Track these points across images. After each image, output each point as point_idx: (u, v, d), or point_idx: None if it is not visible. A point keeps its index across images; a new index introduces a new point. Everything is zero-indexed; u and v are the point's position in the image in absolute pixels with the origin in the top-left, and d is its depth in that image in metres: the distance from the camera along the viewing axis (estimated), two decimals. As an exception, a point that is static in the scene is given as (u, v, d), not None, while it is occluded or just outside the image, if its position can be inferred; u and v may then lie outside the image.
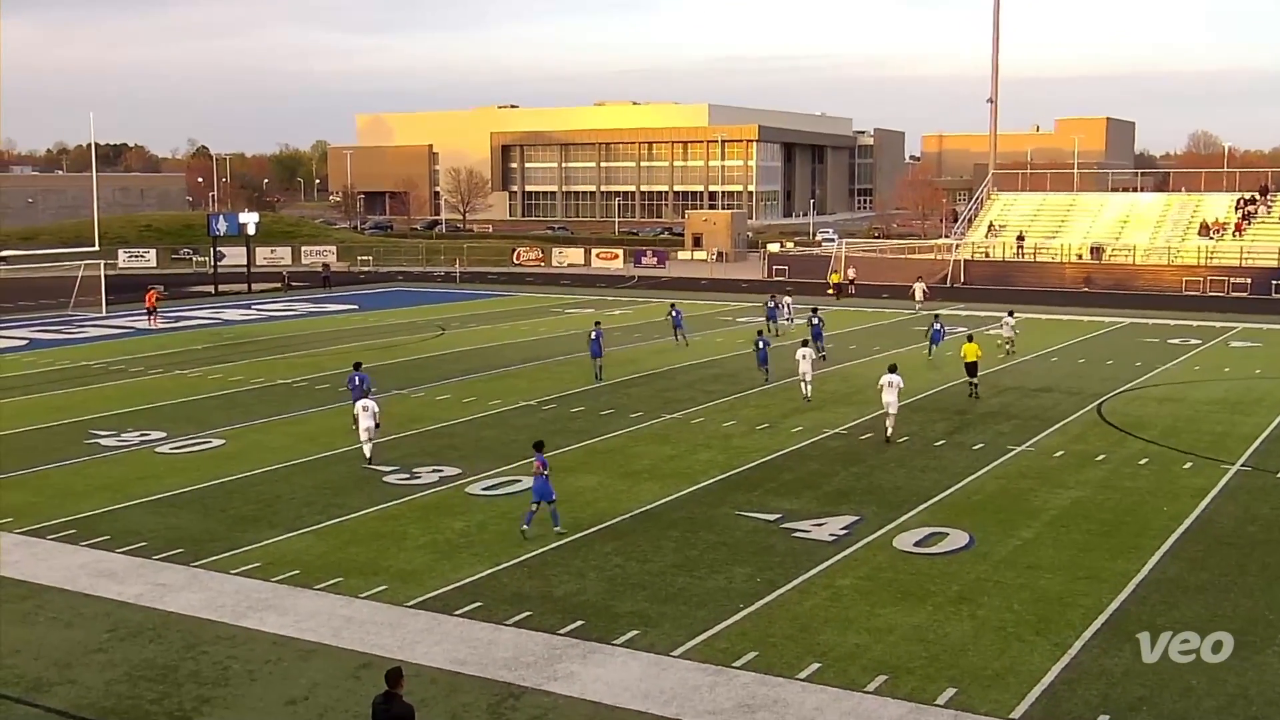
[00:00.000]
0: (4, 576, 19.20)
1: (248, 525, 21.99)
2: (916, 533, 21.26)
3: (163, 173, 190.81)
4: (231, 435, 29.96)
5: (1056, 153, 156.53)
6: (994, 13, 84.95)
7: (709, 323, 54.32)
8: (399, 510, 22.96)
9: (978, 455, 27.37)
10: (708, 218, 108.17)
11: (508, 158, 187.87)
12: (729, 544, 20.73)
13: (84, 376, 39.81)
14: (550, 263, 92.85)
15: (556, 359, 42.22)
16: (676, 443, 28.89)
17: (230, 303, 65.17)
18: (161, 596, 18.22)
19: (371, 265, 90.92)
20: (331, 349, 46.12)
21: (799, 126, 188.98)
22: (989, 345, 41.36)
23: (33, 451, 28.11)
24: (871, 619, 17.13)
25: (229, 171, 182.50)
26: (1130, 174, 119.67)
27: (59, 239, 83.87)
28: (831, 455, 27.54)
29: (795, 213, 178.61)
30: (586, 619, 17.16)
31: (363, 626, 16.98)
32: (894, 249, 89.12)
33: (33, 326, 54.12)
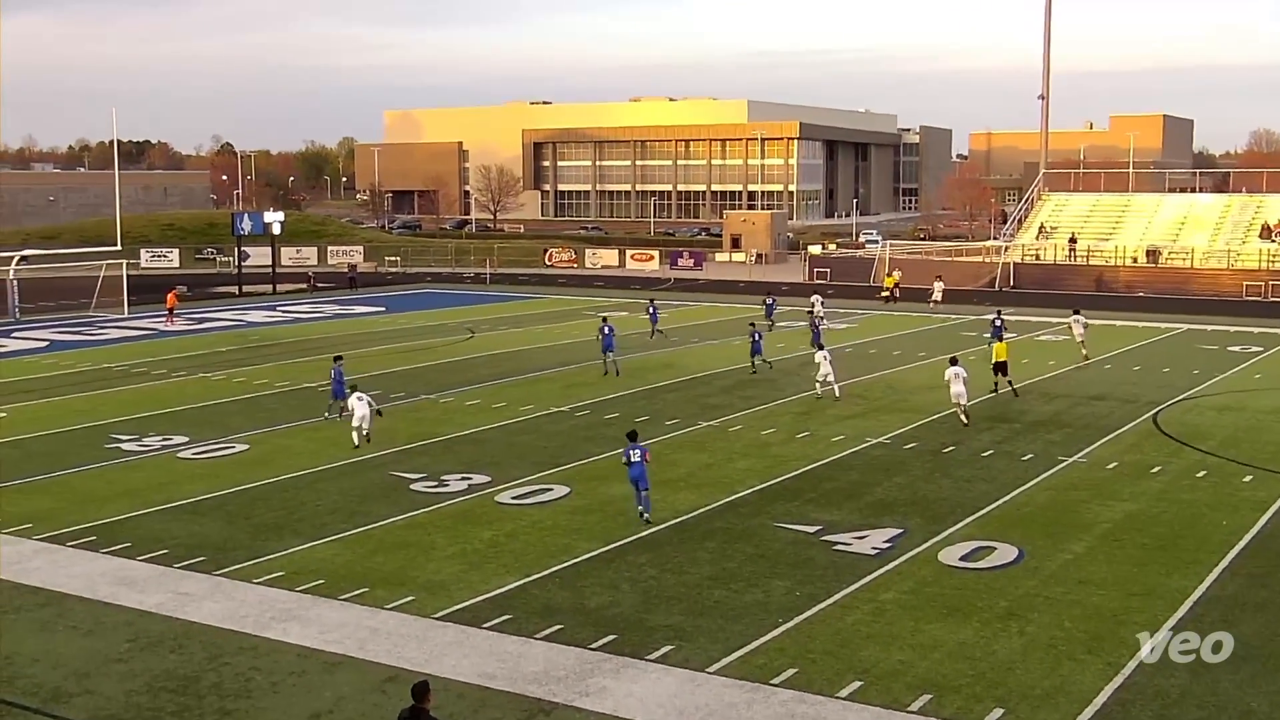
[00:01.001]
0: (23, 584, 19.39)
1: (271, 533, 22.13)
2: (963, 546, 21.16)
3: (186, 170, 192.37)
4: (255, 440, 30.16)
5: (1111, 151, 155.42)
6: (1046, 4, 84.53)
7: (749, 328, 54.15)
8: (426, 519, 23.05)
9: (1027, 466, 27.22)
10: (746, 218, 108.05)
11: (540, 155, 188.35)
12: (767, 556, 20.69)
13: (105, 379, 40.17)
14: (583, 264, 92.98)
15: (590, 363, 42.22)
16: (713, 451, 28.88)
17: (254, 304, 65.61)
18: (183, 606, 18.36)
19: (399, 266, 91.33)
20: (358, 352, 46.31)
21: (842, 123, 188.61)
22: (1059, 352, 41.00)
23: (53, 456, 28.39)
24: (915, 635, 17.06)
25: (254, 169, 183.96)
26: (1188, 173, 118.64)
27: (80, 238, 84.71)
28: (874, 465, 27.45)
29: (837, 213, 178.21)
30: (619, 633, 17.16)
31: (389, 638, 17.05)
32: (940, 251, 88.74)
33: (53, 328, 54.67)
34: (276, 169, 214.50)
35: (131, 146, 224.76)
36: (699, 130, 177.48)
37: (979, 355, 44.70)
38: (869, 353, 45.54)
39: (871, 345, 47.71)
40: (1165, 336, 51.14)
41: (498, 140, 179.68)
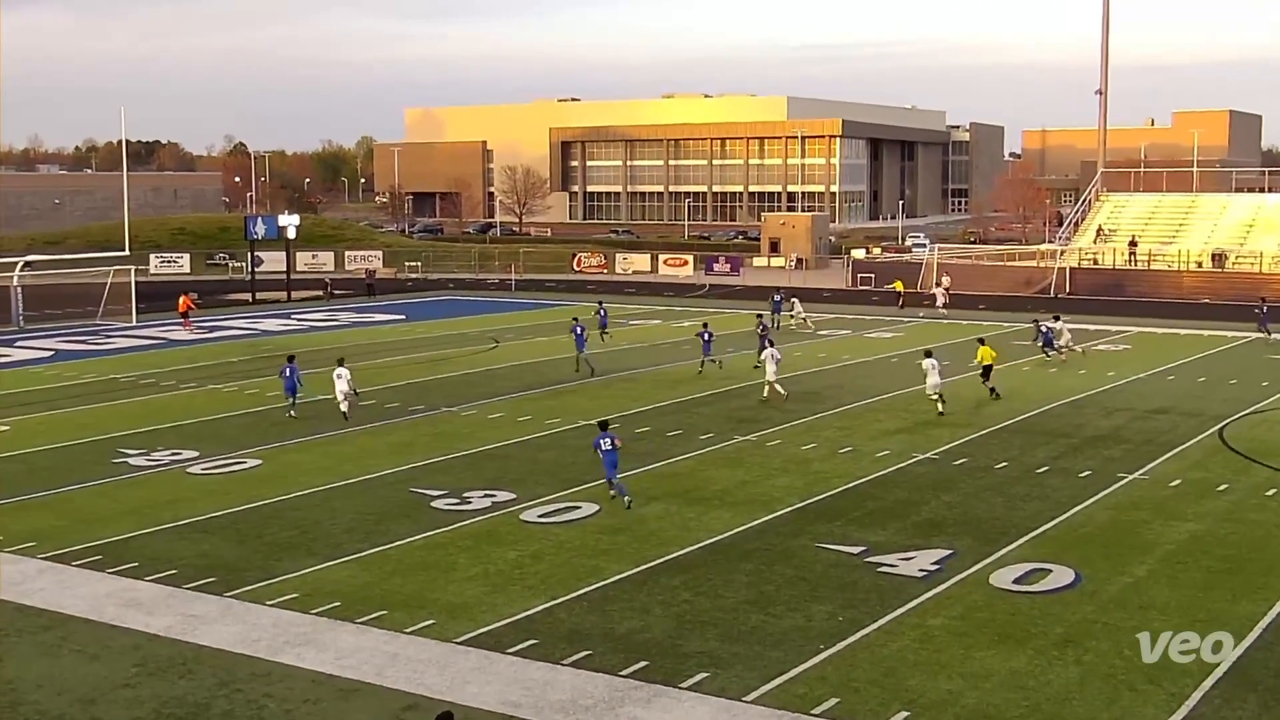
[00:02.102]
0: (27, 605, 19.55)
1: (284, 553, 22.23)
2: (1016, 568, 21.05)
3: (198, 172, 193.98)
4: (267, 455, 30.32)
5: (1173, 149, 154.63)
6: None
7: (788, 335, 54.13)
8: (447, 538, 23.10)
9: (1085, 483, 27.06)
10: (786, 221, 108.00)
11: (568, 155, 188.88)
12: (808, 579, 20.64)
13: (112, 391, 40.49)
14: (614, 270, 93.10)
15: (618, 374, 42.30)
16: (750, 467, 28.85)
17: (268, 312, 66.01)
18: (193, 629, 18.46)
19: (420, 272, 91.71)
20: (377, 362, 46.52)
21: (887, 121, 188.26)
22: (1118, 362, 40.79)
23: (57, 471, 28.62)
24: (965, 663, 16.98)
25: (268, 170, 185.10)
26: (1256, 172, 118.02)
27: (87, 243, 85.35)
28: (921, 482, 27.35)
29: (882, 215, 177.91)
30: (651, 659, 17.15)
31: (408, 664, 17.09)
32: (991, 255, 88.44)
33: (59, 337, 55.15)
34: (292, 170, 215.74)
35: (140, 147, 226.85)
36: (736, 128, 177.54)
37: (1033, 365, 44.59)
38: (915, 363, 45.32)
39: (917, 355, 47.44)
40: (1232, 346, 50.77)
41: (524, 139, 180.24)
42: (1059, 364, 44.85)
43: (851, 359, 46.49)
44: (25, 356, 49.31)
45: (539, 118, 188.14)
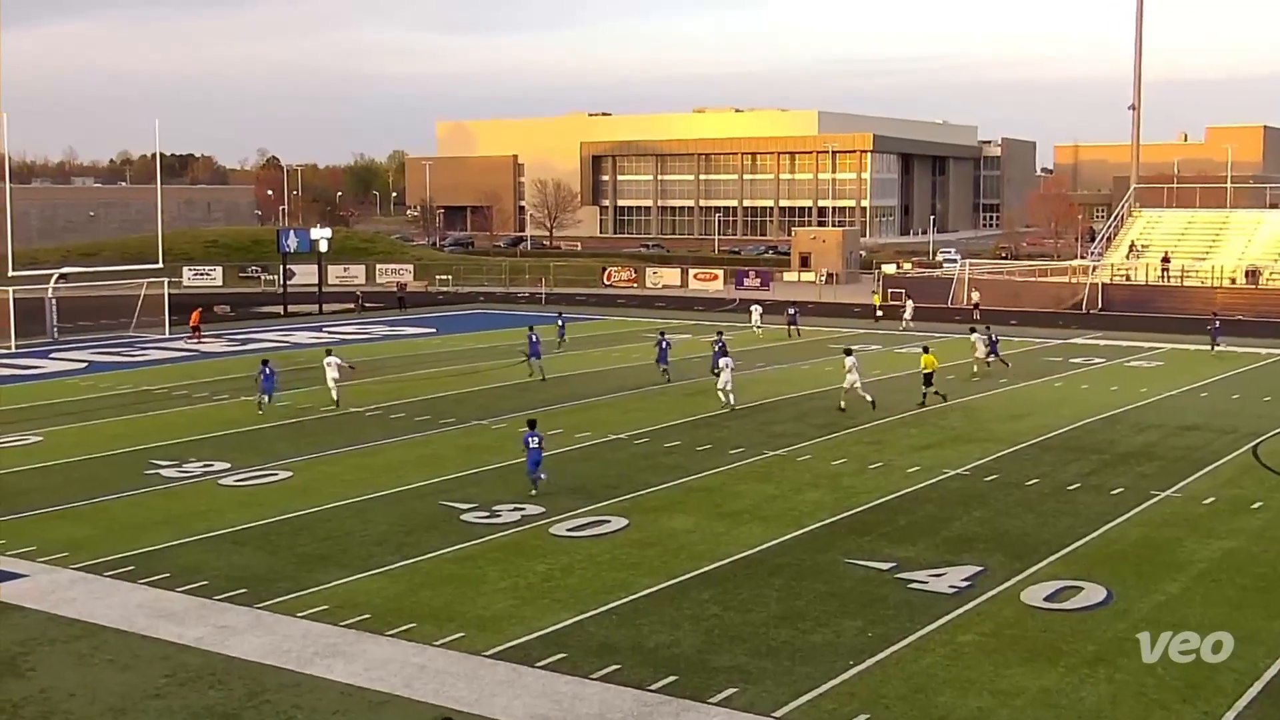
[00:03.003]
0: (59, 615, 19.66)
1: (315, 564, 22.30)
2: (1047, 585, 20.93)
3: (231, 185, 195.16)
4: (299, 467, 30.44)
5: (1207, 164, 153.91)
6: (1137, 8, 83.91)
7: (819, 350, 54.06)
8: (477, 551, 23.14)
9: (1117, 500, 26.90)
10: (816, 235, 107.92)
11: (599, 169, 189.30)
12: (838, 594, 20.58)
13: (145, 402, 40.74)
14: (644, 284, 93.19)
15: (649, 389, 42.30)
16: (780, 481, 28.79)
17: (300, 324, 66.31)
18: (223, 640, 18.53)
19: (451, 285, 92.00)
20: (407, 375, 46.68)
21: (918, 135, 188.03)
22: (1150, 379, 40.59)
23: (91, 482, 28.81)
24: (996, 680, 16.89)
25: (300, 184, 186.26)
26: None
27: (121, 255, 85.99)
28: (952, 498, 27.25)
29: (913, 230, 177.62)
30: (680, 674, 17.12)
31: (437, 677, 17.11)
32: (1023, 271, 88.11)
33: (92, 348, 55.53)
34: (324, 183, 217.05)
35: (174, 160, 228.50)
36: (766, 143, 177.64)
37: (1065, 380, 44.41)
38: (946, 379, 45.21)
39: (949, 371, 47.39)
40: (1266, 363, 50.40)
41: (555, 153, 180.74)
42: (990, 372, 45.51)
43: (882, 374, 46.33)
44: (60, 368, 49.69)
45: (570, 132, 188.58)
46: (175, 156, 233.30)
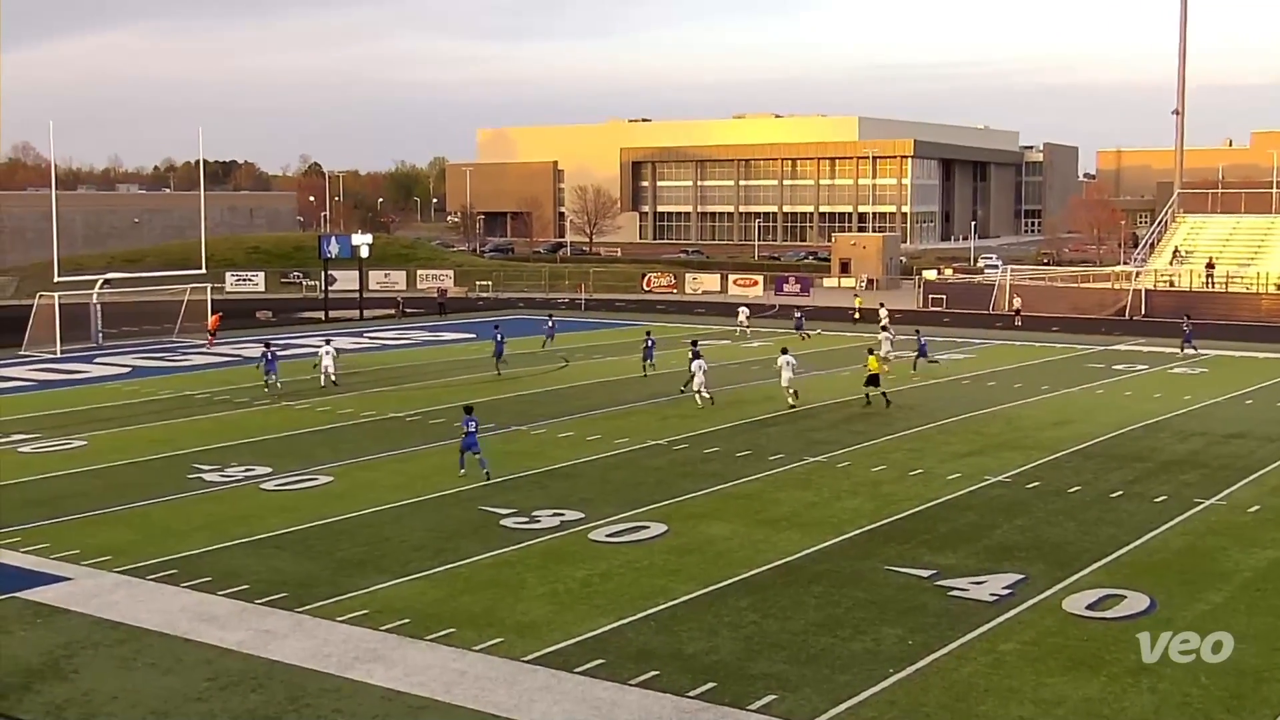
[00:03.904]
0: (103, 618, 19.82)
1: (355, 569, 22.39)
2: (1089, 594, 20.78)
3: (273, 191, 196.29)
4: (339, 472, 30.58)
5: (1252, 170, 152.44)
6: (1181, 11, 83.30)
7: (858, 357, 53.84)
8: (516, 556, 23.17)
9: (1160, 509, 26.67)
10: (856, 241, 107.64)
11: (638, 175, 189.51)
12: (877, 602, 20.49)
13: (187, 407, 41.03)
14: (683, 290, 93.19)
15: (689, 395, 42.22)
16: (820, 488, 28.71)
17: (341, 330, 66.60)
18: (265, 644, 18.63)
19: (491, 291, 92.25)
20: (447, 380, 46.83)
21: (959, 141, 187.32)
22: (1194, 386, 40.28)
23: (134, 486, 29.03)
24: (1038, 690, 16.77)
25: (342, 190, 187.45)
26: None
27: (165, 261, 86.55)
28: (993, 505, 27.09)
29: (954, 236, 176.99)
30: (719, 681, 17.09)
31: (476, 682, 17.14)
32: (1065, 277, 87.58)
33: (136, 353, 56.01)
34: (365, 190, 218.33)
35: (217, 167, 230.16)
36: (806, 148, 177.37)
37: (1107, 387, 44.12)
38: (988, 385, 45.05)
39: (990, 377, 47.19)
40: (1312, 370, 49.87)
41: (594, 159, 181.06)
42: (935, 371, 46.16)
43: (922, 380, 46.17)
44: (104, 372, 50.11)
45: (610, 138, 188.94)
46: (218, 163, 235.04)
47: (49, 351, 55.39)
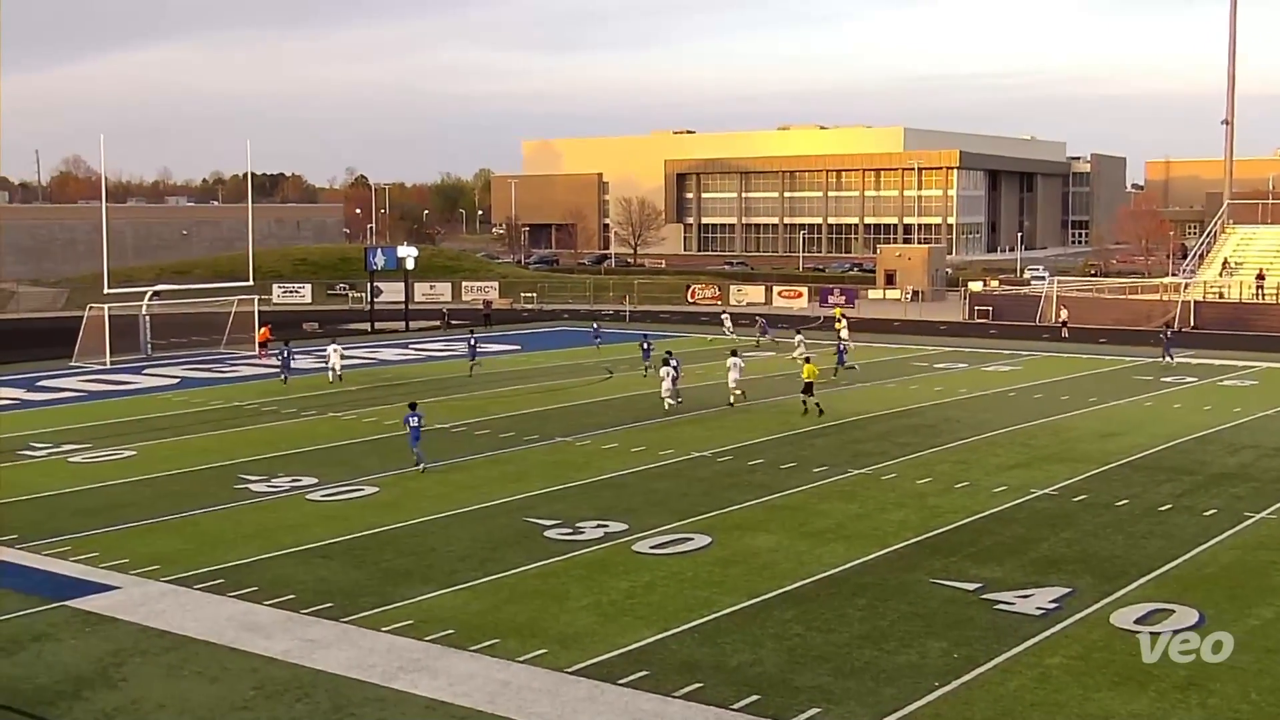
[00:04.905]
0: (150, 627, 19.99)
1: (400, 579, 22.48)
2: (1137, 608, 20.58)
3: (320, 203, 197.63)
4: (385, 483, 30.72)
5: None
6: (1230, 20, 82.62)
7: (904, 369, 53.71)
8: (560, 567, 23.20)
9: (1210, 522, 26.40)
10: (902, 253, 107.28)
11: (683, 187, 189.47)
12: (922, 615, 20.38)
13: (235, 418, 41.35)
14: (728, 301, 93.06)
15: (729, 407, 42.18)
16: (865, 500, 28.60)
17: (387, 342, 66.96)
18: (310, 653, 18.72)
19: (535, 302, 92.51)
20: (492, 392, 46.96)
21: (1005, 151, 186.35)
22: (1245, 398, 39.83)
23: (182, 496, 29.28)
24: (1085, 704, 16.62)
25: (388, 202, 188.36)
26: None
27: (213, 273, 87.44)
28: (1040, 518, 26.89)
29: (1000, 247, 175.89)
30: (763, 693, 17.04)
31: (519, 693, 17.17)
32: (1112, 288, 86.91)
33: (185, 364, 56.49)
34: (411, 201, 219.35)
35: (265, 179, 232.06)
36: (851, 160, 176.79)
37: (1156, 400, 43.78)
38: (1034, 397, 44.75)
39: (1036, 389, 46.88)
40: (1365, 382, 49.26)
41: (639, 171, 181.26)
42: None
43: (968, 392, 45.93)
44: (152, 383, 50.57)
45: (655, 149, 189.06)
46: (266, 176, 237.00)
47: (99, 362, 55.97)
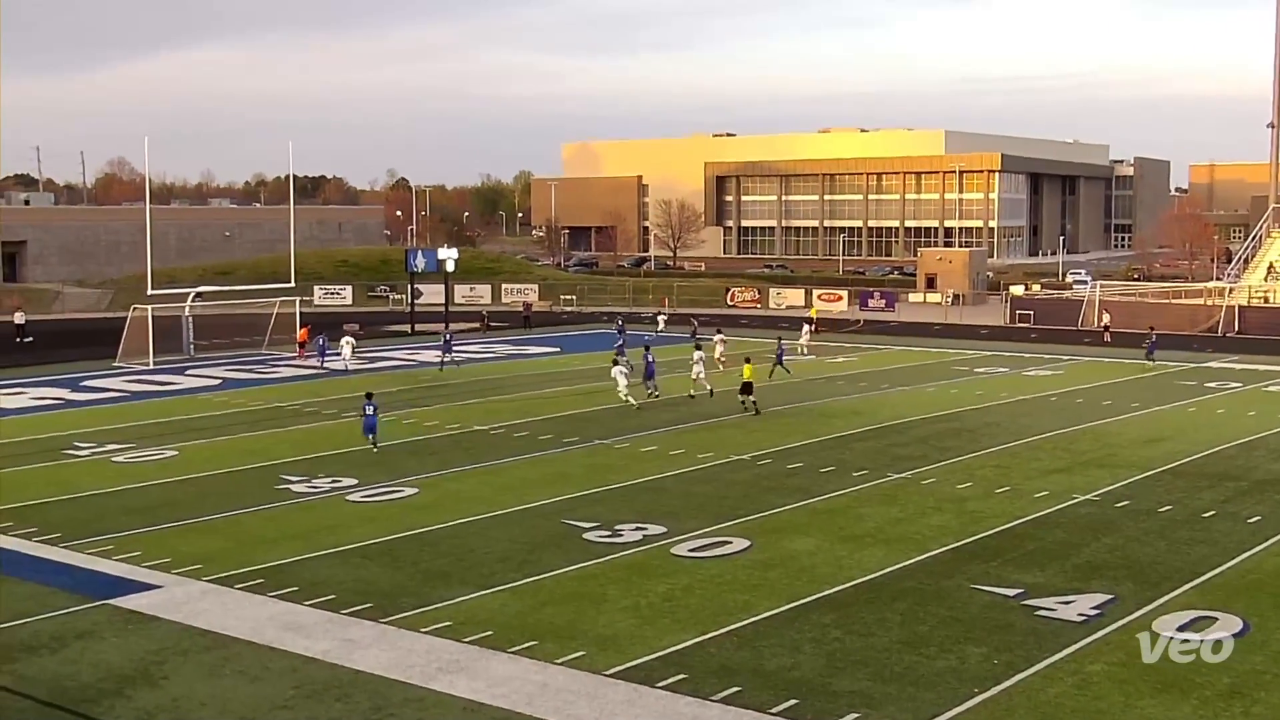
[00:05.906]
0: (192, 626, 20.14)
1: (439, 581, 22.55)
2: (1180, 615, 20.39)
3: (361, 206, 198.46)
4: (425, 484, 30.83)
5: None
6: (1276, 21, 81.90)
7: (944, 373, 53.48)
8: (599, 570, 23.22)
9: (1254, 529, 26.15)
10: (943, 256, 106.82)
11: (723, 189, 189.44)
12: (962, 620, 20.28)
13: (276, 419, 41.60)
14: (767, 304, 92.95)
15: (772, 409, 42.12)
16: (905, 504, 28.48)
17: (427, 343, 67.07)
18: (349, 653, 18.81)
19: (575, 305, 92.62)
20: (532, 393, 47.05)
21: (1047, 155, 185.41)
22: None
23: (224, 496, 29.48)
24: (1126, 712, 16.50)
25: (428, 204, 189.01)
26: None
27: (255, 274, 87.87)
28: (1081, 524, 26.71)
29: (1042, 251, 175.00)
30: (801, 697, 17.00)
31: (558, 695, 17.19)
32: (1156, 292, 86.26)
33: (227, 365, 56.87)
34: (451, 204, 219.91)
35: (306, 181, 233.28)
36: (892, 163, 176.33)
37: (1199, 405, 43.46)
38: (1075, 402, 44.46)
39: (1077, 394, 46.58)
40: None
41: (679, 174, 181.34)
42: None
43: (1009, 397, 45.68)
44: (195, 384, 50.93)
45: (694, 152, 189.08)
46: (307, 178, 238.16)
47: (142, 363, 56.42)
